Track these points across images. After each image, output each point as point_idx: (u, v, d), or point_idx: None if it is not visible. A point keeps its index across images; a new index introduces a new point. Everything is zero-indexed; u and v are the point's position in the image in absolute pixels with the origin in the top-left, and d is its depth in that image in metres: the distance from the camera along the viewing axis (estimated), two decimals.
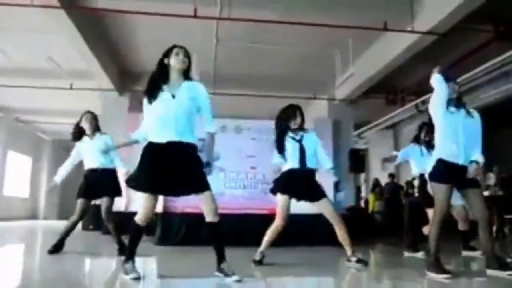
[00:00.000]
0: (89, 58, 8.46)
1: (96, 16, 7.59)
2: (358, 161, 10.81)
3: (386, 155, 15.14)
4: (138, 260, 3.24)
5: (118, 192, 4.94)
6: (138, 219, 3.14)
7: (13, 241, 7.26)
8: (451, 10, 6.12)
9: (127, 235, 3.28)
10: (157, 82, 3.23)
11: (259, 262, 4.16)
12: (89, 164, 4.92)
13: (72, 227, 4.85)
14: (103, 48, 8.86)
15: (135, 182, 3.09)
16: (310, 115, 12.11)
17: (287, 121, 4.45)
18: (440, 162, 3.58)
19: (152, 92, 3.17)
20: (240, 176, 8.70)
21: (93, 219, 9.29)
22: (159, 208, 8.53)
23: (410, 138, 5.66)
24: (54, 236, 4.77)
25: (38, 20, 7.25)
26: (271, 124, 4.70)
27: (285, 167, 4.31)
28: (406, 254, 5.43)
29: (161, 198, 9.23)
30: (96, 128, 5.05)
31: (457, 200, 4.48)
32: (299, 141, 4.32)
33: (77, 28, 7.17)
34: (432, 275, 3.47)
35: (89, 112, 5.15)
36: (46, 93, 10.81)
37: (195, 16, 6.33)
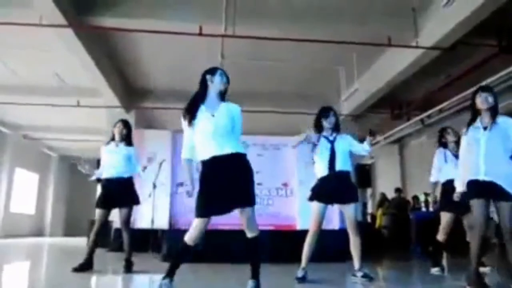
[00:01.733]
0: (95, 76, 8.55)
1: (103, 35, 7.68)
2: (364, 176, 10.80)
3: (394, 169, 15.11)
4: (144, 277, 3.23)
5: (136, 201, 4.95)
6: (189, 238, 3.08)
7: (20, 258, 7.25)
8: (455, 25, 6.15)
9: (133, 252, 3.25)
10: (197, 101, 3.28)
11: (302, 279, 4.12)
12: (108, 173, 4.91)
13: (94, 239, 4.79)
14: (110, 66, 8.96)
15: (200, 210, 3.07)
16: None
17: (319, 120, 4.58)
18: None
19: (192, 112, 3.22)
20: None
21: (98, 236, 9.28)
22: (165, 225, 8.55)
23: (416, 152, 5.63)
24: (61, 252, 4.75)
25: (46, 38, 7.36)
26: (276, 140, 4.74)
27: (317, 173, 4.45)
28: (432, 270, 5.02)
29: (167, 214, 9.15)
30: (125, 137, 5.00)
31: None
32: (332, 142, 4.39)
33: (84, 47, 7.26)
34: None
35: (121, 120, 5.13)
36: (53, 110, 10.90)
37: (200, 34, 6.40)
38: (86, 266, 4.56)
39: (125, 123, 5.07)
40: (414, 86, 9.28)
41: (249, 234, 3.13)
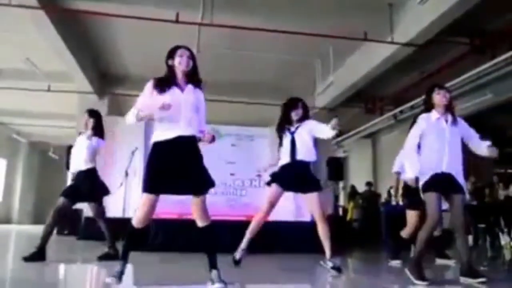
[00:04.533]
0: (68, 60, 8.34)
1: (77, 18, 7.50)
2: (336, 169, 10.87)
3: (366, 163, 15.35)
4: (112, 266, 3.19)
5: (101, 194, 4.90)
6: (136, 221, 3.02)
7: None
8: (429, 23, 6.25)
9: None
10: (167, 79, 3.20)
11: (238, 262, 4.18)
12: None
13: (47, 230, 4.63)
14: (83, 51, 8.76)
15: (148, 185, 2.97)
16: None
17: (287, 112, 4.48)
18: None
19: (163, 85, 3.14)
20: (217, 183, 8.67)
21: (68, 224, 9.15)
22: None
23: (388, 146, 5.71)
24: (29, 241, 4.65)
25: (16, 20, 7.13)
26: (251, 130, 4.73)
27: (280, 161, 4.38)
28: (392, 262, 5.19)
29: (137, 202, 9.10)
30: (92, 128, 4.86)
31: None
32: (293, 133, 4.35)
33: (56, 30, 7.07)
34: (411, 277, 3.54)
35: (87, 110, 4.98)
36: (23, 95, 10.61)
37: (176, 21, 6.31)
38: (39, 256, 4.39)
39: (91, 113, 4.92)
40: (388, 81, 9.40)
41: (201, 224, 3.06)
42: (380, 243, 9.46)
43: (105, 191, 4.91)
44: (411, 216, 5.13)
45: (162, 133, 3.04)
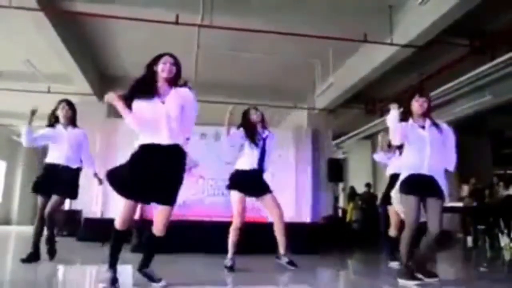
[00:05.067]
0: (68, 62, 8.34)
1: (77, 20, 7.51)
2: (336, 171, 10.88)
3: (366, 164, 15.34)
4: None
5: (74, 195, 4.73)
6: (118, 222, 3.07)
7: None
8: (429, 24, 6.25)
9: (106, 243, 3.20)
10: (141, 85, 3.18)
11: (231, 268, 4.22)
12: (53, 158, 4.62)
13: (36, 230, 4.60)
14: (83, 52, 8.76)
15: (119, 184, 3.00)
16: (290, 124, 12.20)
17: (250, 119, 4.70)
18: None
19: (144, 91, 3.12)
20: (219, 184, 8.66)
21: (67, 225, 9.13)
22: (135, 215, 8.46)
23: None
24: (29, 242, 4.65)
25: (16, 22, 7.14)
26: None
27: (241, 164, 4.56)
28: (391, 264, 5.08)
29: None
30: (71, 120, 4.69)
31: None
32: (264, 141, 4.59)
33: (56, 31, 7.07)
34: (403, 282, 3.55)
35: (65, 100, 4.74)
36: (22, 96, 10.58)
37: (176, 23, 6.31)
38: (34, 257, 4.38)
39: (69, 102, 4.73)
40: (387, 83, 9.40)
41: (157, 233, 3.20)
42: (380, 244, 9.47)
43: (75, 194, 4.77)
44: (391, 212, 5.12)
45: (145, 139, 3.10)
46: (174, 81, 3.24)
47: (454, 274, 4.64)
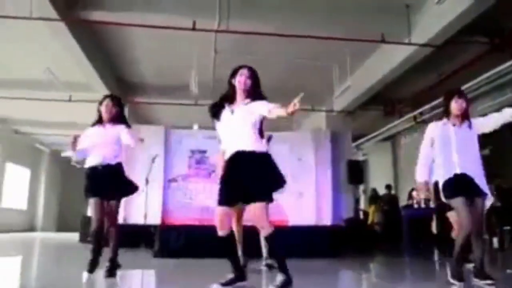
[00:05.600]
0: (87, 70, 8.48)
1: (95, 28, 7.63)
2: (356, 173, 10.80)
3: (386, 166, 15.18)
4: (136, 272, 3.22)
5: (126, 192, 4.23)
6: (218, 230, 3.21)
7: (11, 254, 7.21)
8: (448, 23, 6.17)
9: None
10: (221, 101, 3.44)
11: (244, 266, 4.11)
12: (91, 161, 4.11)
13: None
14: (102, 60, 8.90)
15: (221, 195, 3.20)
16: (308, 126, 12.16)
17: None
18: None
19: (215, 113, 3.39)
20: None
21: (90, 231, 9.25)
22: (158, 220, 8.53)
23: (408, 149, 5.62)
24: (53, 248, 4.71)
25: (37, 32, 7.29)
26: (270, 135, 4.75)
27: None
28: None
29: (159, 210, 9.12)
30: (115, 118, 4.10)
31: None
32: None
33: (76, 40, 7.20)
34: (480, 282, 3.52)
35: (109, 96, 4.25)
36: (44, 105, 10.82)
37: (193, 29, 6.37)
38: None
39: (114, 99, 4.14)
40: (406, 83, 9.30)
41: (263, 233, 3.18)
42: (402, 247, 9.35)
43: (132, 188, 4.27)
44: (452, 216, 5.04)
45: (229, 150, 3.31)
46: (250, 92, 3.38)
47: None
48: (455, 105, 3.78)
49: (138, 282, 3.17)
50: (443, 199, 3.78)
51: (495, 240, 8.60)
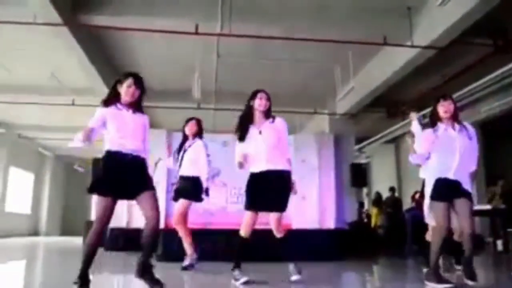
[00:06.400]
0: (91, 74, 8.52)
1: (99, 33, 7.67)
2: (360, 175, 10.79)
3: (390, 168, 15.17)
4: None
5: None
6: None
7: (15, 258, 7.23)
8: (450, 24, 6.17)
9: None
10: (244, 123, 4.00)
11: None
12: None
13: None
14: (105, 64, 8.93)
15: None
16: (311, 129, 12.16)
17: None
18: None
19: (243, 135, 3.95)
20: (242, 192, 8.67)
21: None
22: (161, 225, 8.52)
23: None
24: (56, 252, 4.72)
25: (41, 37, 7.33)
26: None
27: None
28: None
29: (162, 213, 9.15)
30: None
31: None
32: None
33: (79, 45, 7.24)
34: (431, 285, 3.52)
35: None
36: (48, 109, 10.87)
37: (196, 33, 6.39)
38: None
39: (138, 80, 3.39)
40: (410, 85, 9.30)
41: (278, 235, 3.98)
42: (406, 249, 9.32)
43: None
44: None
45: (255, 166, 3.88)
46: (268, 113, 3.99)
47: (484, 279, 4.52)
48: (441, 108, 3.82)
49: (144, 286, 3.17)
50: (426, 196, 3.79)
51: (499, 243, 8.57)
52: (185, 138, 5.26)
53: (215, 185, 3.66)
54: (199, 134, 5.24)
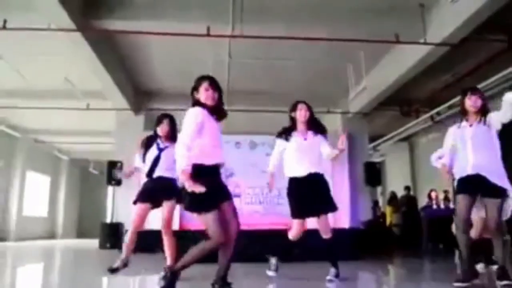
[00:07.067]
0: (104, 78, 8.59)
1: (111, 37, 7.74)
2: (374, 174, 10.72)
3: (404, 167, 15.05)
4: (153, 278, 3.25)
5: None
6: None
7: (33, 261, 7.33)
8: (463, 21, 6.10)
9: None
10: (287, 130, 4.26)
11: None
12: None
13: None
14: (118, 68, 9.00)
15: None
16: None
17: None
18: None
19: (287, 136, 4.21)
20: (256, 192, 8.69)
21: (109, 238, 9.37)
22: (175, 226, 8.57)
23: (426, 149, 5.57)
24: (74, 255, 4.78)
25: (55, 42, 7.42)
26: None
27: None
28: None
29: (177, 215, 9.23)
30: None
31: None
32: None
33: (92, 50, 7.30)
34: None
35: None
36: (63, 114, 11.00)
37: (208, 35, 6.41)
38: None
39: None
40: (423, 83, 9.22)
41: (324, 236, 4.08)
42: (421, 248, 9.24)
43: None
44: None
45: (293, 170, 4.10)
46: (309, 122, 4.23)
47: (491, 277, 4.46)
48: (469, 102, 3.78)
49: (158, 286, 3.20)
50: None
51: None
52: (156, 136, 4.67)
53: (228, 186, 3.41)
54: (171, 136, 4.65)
